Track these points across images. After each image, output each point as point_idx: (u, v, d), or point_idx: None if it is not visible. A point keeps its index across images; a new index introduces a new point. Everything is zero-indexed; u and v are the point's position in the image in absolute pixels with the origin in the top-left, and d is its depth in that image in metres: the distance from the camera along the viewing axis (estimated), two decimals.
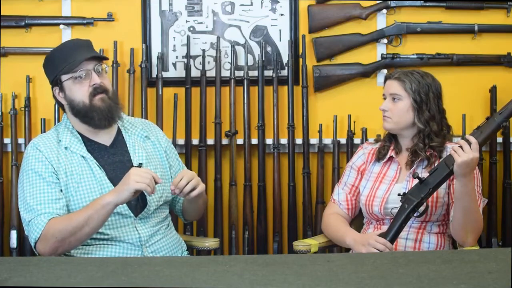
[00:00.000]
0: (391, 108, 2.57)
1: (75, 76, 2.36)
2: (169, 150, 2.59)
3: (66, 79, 2.37)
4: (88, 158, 2.37)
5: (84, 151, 2.38)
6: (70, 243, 2.24)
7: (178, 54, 3.32)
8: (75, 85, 2.36)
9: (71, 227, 2.22)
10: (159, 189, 2.42)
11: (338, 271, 1.79)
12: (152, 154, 2.50)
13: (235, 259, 2.15)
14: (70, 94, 2.38)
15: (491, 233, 3.24)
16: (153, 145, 2.53)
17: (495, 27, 3.29)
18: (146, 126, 2.57)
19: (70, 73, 2.36)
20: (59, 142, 2.39)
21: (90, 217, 2.22)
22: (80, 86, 2.36)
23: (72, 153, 2.38)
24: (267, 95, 3.26)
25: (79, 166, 2.36)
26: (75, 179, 2.34)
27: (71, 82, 2.37)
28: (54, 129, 2.48)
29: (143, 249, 2.37)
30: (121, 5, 3.30)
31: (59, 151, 2.37)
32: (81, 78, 2.36)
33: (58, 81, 2.38)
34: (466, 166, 2.34)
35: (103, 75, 2.41)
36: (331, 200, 2.73)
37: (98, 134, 2.43)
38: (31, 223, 2.27)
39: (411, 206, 2.40)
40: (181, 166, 2.62)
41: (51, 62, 2.42)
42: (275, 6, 3.32)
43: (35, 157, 2.35)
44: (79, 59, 2.35)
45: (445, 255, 2.06)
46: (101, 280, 1.71)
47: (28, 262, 1.93)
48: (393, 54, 3.27)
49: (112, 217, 2.33)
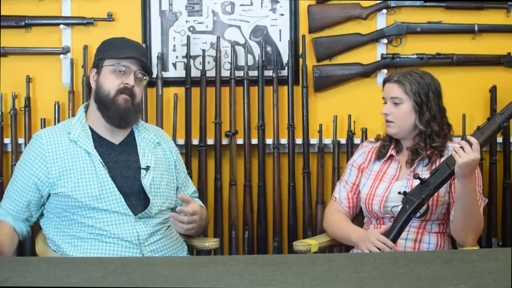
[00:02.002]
0: (393, 112, 2.57)
1: (116, 68, 2.42)
2: (178, 163, 2.63)
3: (107, 64, 2.43)
4: (92, 155, 2.40)
5: (90, 147, 2.41)
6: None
7: (178, 54, 3.32)
8: (111, 74, 2.43)
9: None
10: (163, 194, 2.45)
11: (338, 271, 1.79)
12: (161, 160, 2.53)
13: (235, 259, 2.15)
14: (102, 80, 2.44)
15: (491, 233, 3.24)
16: (163, 152, 2.56)
17: (495, 27, 3.29)
18: (159, 133, 2.62)
19: (113, 61, 2.43)
20: (69, 134, 2.44)
21: None
22: (114, 78, 2.43)
23: (77, 147, 2.41)
24: (267, 95, 3.27)
25: (82, 161, 2.39)
26: (75, 173, 2.37)
27: (109, 70, 2.43)
28: (65, 122, 2.54)
29: (142, 247, 2.37)
30: (121, 5, 3.30)
31: (65, 143, 2.41)
32: (120, 71, 2.43)
33: (100, 64, 2.45)
34: (467, 167, 2.34)
35: (139, 83, 2.47)
36: (332, 198, 2.73)
37: (110, 132, 2.46)
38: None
39: (412, 207, 2.40)
40: (187, 178, 2.68)
41: (105, 45, 2.51)
42: (275, 6, 3.32)
43: (32, 153, 2.42)
44: (129, 54, 2.43)
45: (445, 255, 2.06)
46: (101, 280, 1.71)
47: (28, 262, 1.93)
48: (393, 54, 3.27)
49: (111, 215, 2.36)
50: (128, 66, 2.43)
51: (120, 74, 2.42)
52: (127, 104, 2.42)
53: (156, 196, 2.44)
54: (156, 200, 2.43)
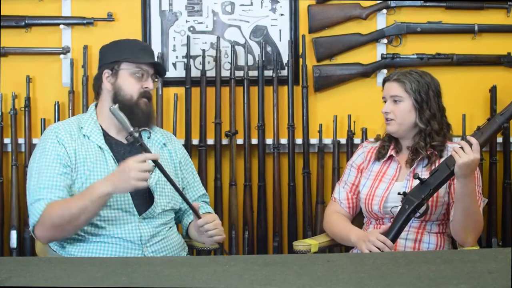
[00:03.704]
0: (393, 110, 2.57)
1: (135, 71, 2.45)
2: (184, 161, 2.63)
3: (126, 68, 2.45)
4: (105, 149, 2.42)
5: (102, 142, 2.43)
6: (67, 230, 2.30)
7: (178, 54, 3.32)
8: (131, 78, 2.46)
9: (68, 215, 2.25)
10: (168, 194, 2.45)
11: (338, 271, 1.79)
12: (167, 161, 2.55)
13: (235, 259, 2.15)
14: (122, 83, 2.46)
15: (491, 233, 3.24)
16: (169, 153, 2.58)
17: (495, 27, 3.29)
18: (165, 134, 2.64)
19: (133, 65, 2.45)
20: (81, 129, 2.44)
21: (86, 207, 2.25)
22: (135, 81, 2.46)
23: (90, 142, 2.42)
24: (267, 95, 3.27)
25: (94, 155, 2.40)
26: (88, 167, 2.37)
27: (128, 74, 2.46)
28: (77, 117, 2.54)
29: (144, 248, 2.37)
30: (121, 5, 3.30)
31: (78, 137, 2.42)
32: (139, 76, 2.45)
33: (116, 66, 2.45)
34: (467, 167, 2.33)
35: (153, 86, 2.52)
36: (332, 199, 2.73)
37: (119, 132, 2.47)
38: (31, 206, 2.32)
39: (412, 207, 2.40)
40: (195, 180, 2.66)
41: (118, 46, 2.52)
42: (275, 6, 3.32)
43: (51, 142, 2.39)
44: (148, 60, 2.49)
45: (445, 255, 2.06)
46: (101, 280, 1.71)
47: (28, 262, 1.93)
48: (393, 54, 3.27)
49: (115, 213, 2.36)
50: (147, 70, 2.47)
51: (139, 78, 2.46)
52: (148, 107, 2.48)
53: (161, 196, 2.45)
54: (160, 199, 2.44)
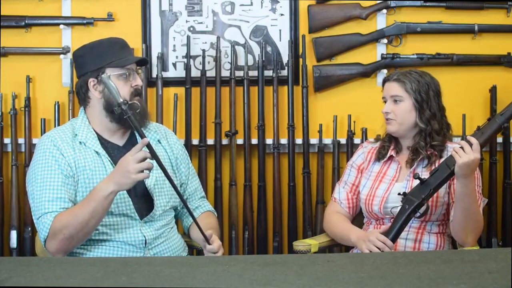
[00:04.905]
0: (393, 110, 2.57)
1: (122, 73, 2.37)
2: (180, 155, 2.58)
3: (112, 73, 2.36)
4: (102, 154, 2.38)
5: (99, 147, 2.39)
6: (79, 238, 2.25)
7: (178, 54, 3.32)
8: (119, 81, 2.36)
9: (77, 222, 2.22)
10: (167, 193, 2.44)
11: (338, 271, 1.79)
12: (163, 159, 2.48)
13: (235, 259, 2.15)
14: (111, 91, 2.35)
15: (491, 233, 3.24)
16: (164, 149, 2.54)
17: (495, 27, 3.29)
18: (159, 129, 2.57)
19: (118, 68, 2.37)
20: (75, 136, 2.39)
21: (93, 211, 2.22)
22: (123, 84, 2.37)
23: (86, 148, 2.38)
24: (267, 95, 3.27)
25: (92, 161, 2.36)
26: (87, 173, 2.34)
27: (116, 78, 2.35)
28: (69, 123, 2.48)
29: (145, 251, 2.37)
30: (121, 5, 3.30)
31: (74, 144, 2.37)
32: (126, 76, 2.38)
33: (100, 73, 2.36)
34: (467, 167, 2.33)
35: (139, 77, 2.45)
36: (332, 199, 2.73)
37: (113, 134, 2.44)
38: (38, 221, 2.28)
39: (412, 207, 2.40)
40: (190, 172, 2.62)
41: (98, 51, 2.40)
42: (275, 6, 3.32)
43: (49, 152, 2.34)
44: (131, 58, 2.40)
45: (445, 255, 2.05)
46: (101, 280, 1.71)
47: (28, 262, 1.93)
48: (393, 54, 3.27)
49: (118, 218, 2.35)
50: (131, 68, 2.40)
51: (127, 78, 2.38)
52: (141, 104, 2.40)
53: (160, 196, 2.43)
54: (160, 200, 2.42)
